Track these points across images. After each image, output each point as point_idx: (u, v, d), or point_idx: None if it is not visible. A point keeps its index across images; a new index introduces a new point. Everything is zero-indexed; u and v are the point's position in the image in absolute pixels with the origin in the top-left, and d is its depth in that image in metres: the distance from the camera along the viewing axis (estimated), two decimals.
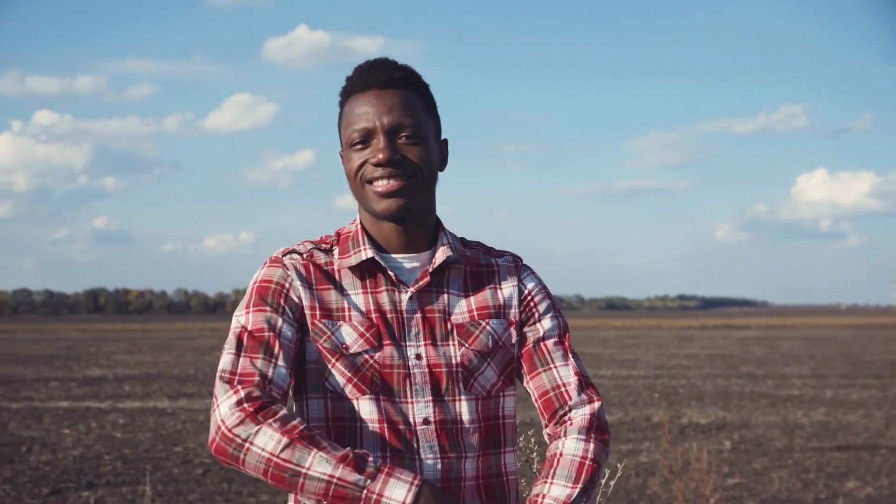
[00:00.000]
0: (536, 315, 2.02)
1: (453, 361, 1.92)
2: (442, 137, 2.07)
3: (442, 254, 1.98)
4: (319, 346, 1.90)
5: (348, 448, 1.78)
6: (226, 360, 1.86)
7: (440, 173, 2.04)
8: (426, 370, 1.91)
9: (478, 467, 1.92)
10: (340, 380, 1.89)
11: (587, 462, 1.90)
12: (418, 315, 1.94)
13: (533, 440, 2.39)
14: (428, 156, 1.96)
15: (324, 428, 1.88)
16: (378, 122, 1.94)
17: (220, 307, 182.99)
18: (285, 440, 1.74)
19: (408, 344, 1.92)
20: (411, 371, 1.90)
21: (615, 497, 8.45)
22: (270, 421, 1.76)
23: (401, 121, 1.94)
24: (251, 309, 1.90)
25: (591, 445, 1.93)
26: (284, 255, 1.97)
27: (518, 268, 2.06)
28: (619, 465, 2.50)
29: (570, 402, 1.97)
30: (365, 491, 1.73)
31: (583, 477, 1.89)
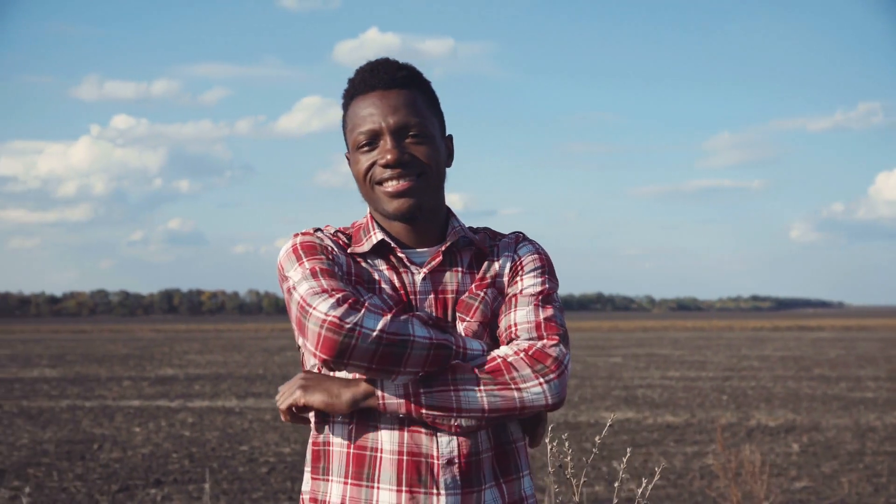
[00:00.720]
0: (520, 275, 2.01)
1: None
2: (447, 133, 2.07)
3: (454, 234, 2.00)
4: None
5: (422, 312, 1.89)
6: (307, 285, 1.86)
7: (448, 169, 2.05)
8: None
9: (491, 438, 1.94)
10: None
11: (497, 359, 1.87)
12: (431, 296, 1.96)
13: (567, 443, 2.36)
14: (435, 154, 1.98)
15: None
16: (384, 123, 1.95)
17: None
18: (389, 316, 1.80)
19: None
20: None
21: (678, 498, 8.35)
22: (369, 305, 1.82)
23: (406, 120, 1.95)
24: (305, 259, 1.92)
25: (516, 353, 1.88)
26: (314, 231, 2.02)
27: (518, 241, 2.07)
28: (656, 469, 2.46)
29: (517, 339, 1.92)
30: (454, 346, 1.85)
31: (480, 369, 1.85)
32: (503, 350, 1.89)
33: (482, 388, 1.83)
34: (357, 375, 1.86)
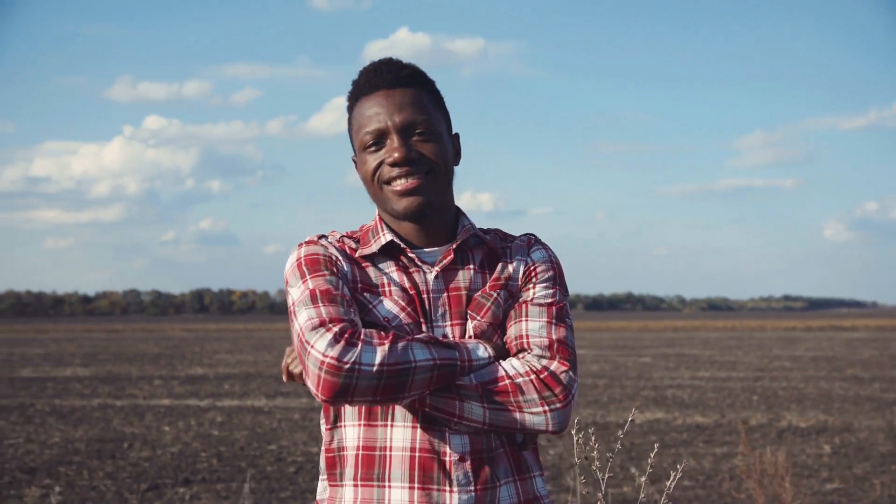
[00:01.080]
0: (533, 282, 1.99)
1: (468, 336, 1.93)
2: (454, 132, 2.06)
3: (464, 232, 1.99)
4: (363, 320, 1.90)
5: (423, 333, 1.87)
6: (306, 314, 1.85)
7: (455, 168, 2.04)
8: None
9: (502, 436, 1.93)
10: None
11: (506, 379, 1.85)
12: (444, 295, 1.95)
13: (593, 438, 2.34)
14: (443, 151, 1.97)
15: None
16: (390, 122, 1.94)
17: None
18: (387, 347, 1.78)
19: (435, 325, 1.93)
20: None
21: (706, 500, 8.30)
22: (364, 338, 1.80)
23: (412, 118, 1.94)
24: (308, 277, 1.90)
25: (526, 374, 1.85)
26: (318, 238, 2.00)
27: (530, 244, 2.05)
28: (678, 467, 2.43)
29: (529, 352, 1.90)
30: (458, 363, 1.83)
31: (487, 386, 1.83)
32: (513, 366, 1.87)
33: (486, 405, 1.84)
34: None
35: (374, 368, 1.76)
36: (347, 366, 1.76)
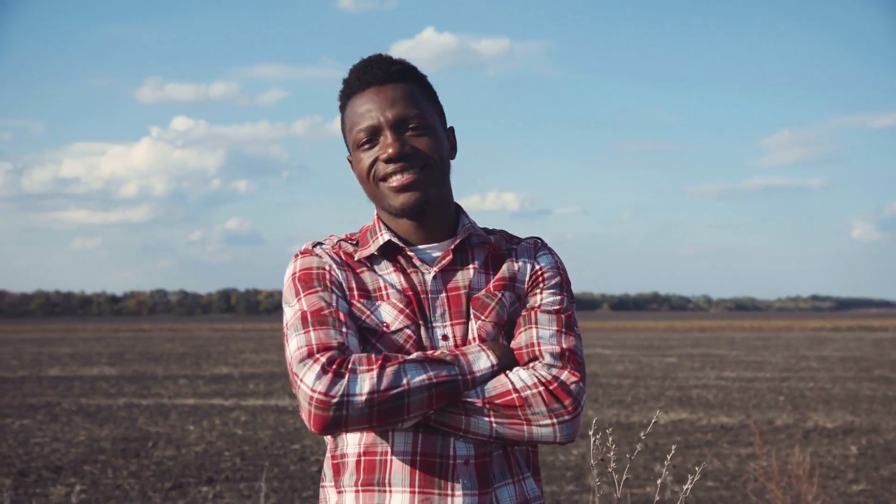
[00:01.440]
0: (540, 287, 1.96)
1: (472, 336, 1.90)
2: (448, 126, 2.04)
3: (464, 231, 1.96)
4: (361, 326, 1.88)
5: (419, 352, 1.83)
6: (295, 341, 1.83)
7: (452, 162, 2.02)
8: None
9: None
10: None
11: (513, 392, 1.82)
12: (443, 295, 1.92)
13: (611, 438, 2.32)
14: (438, 145, 1.94)
15: None
16: (382, 118, 1.91)
17: None
18: (376, 372, 1.75)
19: (434, 325, 1.90)
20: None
21: (731, 500, 8.24)
22: (353, 366, 1.77)
23: (405, 113, 1.91)
24: (301, 295, 1.89)
25: (535, 385, 1.83)
26: (313, 246, 1.98)
27: (537, 247, 2.02)
28: (697, 469, 2.41)
29: (540, 360, 1.87)
30: (459, 378, 1.79)
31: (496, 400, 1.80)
32: (520, 378, 1.84)
33: (493, 418, 1.81)
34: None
35: (364, 398, 1.74)
36: (336, 399, 1.74)
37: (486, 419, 1.81)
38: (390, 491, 1.84)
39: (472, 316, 1.91)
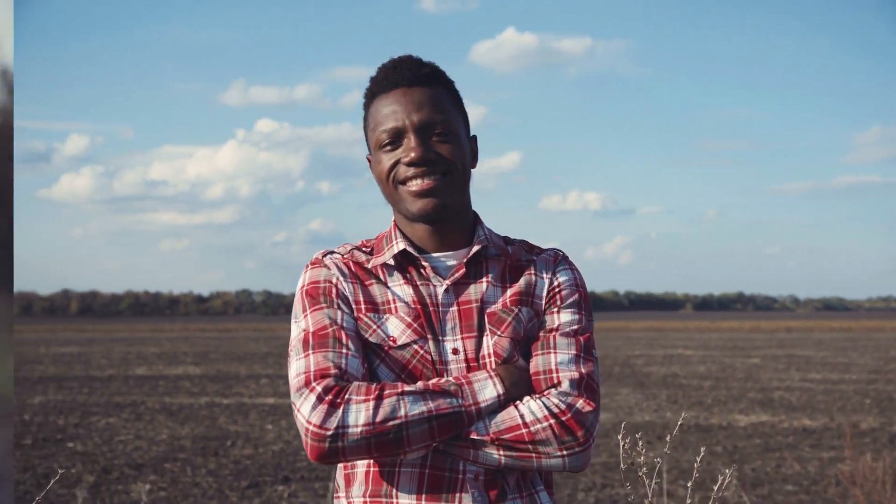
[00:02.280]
0: (558, 305, 1.92)
1: (487, 352, 1.86)
2: (471, 134, 2.01)
3: (478, 243, 1.93)
4: (367, 340, 1.87)
5: (420, 382, 1.80)
6: (295, 366, 1.84)
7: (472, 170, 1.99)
8: (463, 365, 1.86)
9: None
10: (389, 375, 1.85)
11: (523, 428, 1.78)
12: (454, 308, 1.89)
13: (641, 442, 2.28)
14: (461, 152, 1.91)
15: None
16: (408, 121, 1.89)
17: None
18: (372, 403, 1.73)
19: (444, 338, 1.87)
20: (448, 367, 1.85)
21: None
22: (349, 396, 1.75)
23: (431, 118, 1.89)
24: (307, 312, 1.89)
25: (545, 418, 1.78)
26: (324, 256, 1.97)
27: (556, 261, 1.98)
28: (726, 471, 2.35)
29: (558, 388, 1.83)
30: (463, 409, 1.76)
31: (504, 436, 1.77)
32: (531, 411, 1.80)
33: (502, 452, 1.79)
34: None
35: (360, 429, 1.72)
36: (331, 431, 1.73)
37: (495, 453, 1.79)
38: (397, 500, 1.83)
39: (488, 331, 1.88)
